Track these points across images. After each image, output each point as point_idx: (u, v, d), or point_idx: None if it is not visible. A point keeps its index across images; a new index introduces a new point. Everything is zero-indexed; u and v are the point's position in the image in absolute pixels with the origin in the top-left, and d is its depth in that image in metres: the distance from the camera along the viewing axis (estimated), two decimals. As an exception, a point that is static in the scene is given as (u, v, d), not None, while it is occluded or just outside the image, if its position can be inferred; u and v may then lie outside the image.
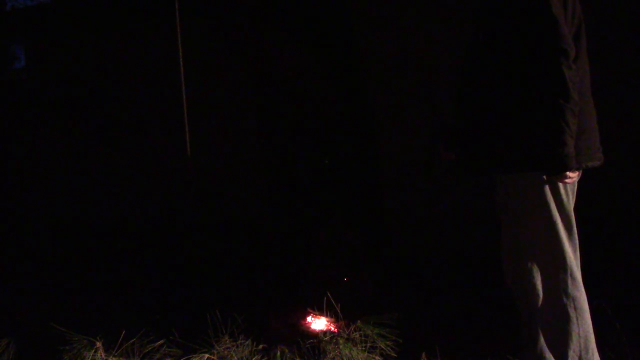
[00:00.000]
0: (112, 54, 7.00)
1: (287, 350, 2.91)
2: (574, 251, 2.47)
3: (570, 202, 2.47)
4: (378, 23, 5.44)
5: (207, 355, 2.86)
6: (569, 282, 2.44)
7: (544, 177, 2.39)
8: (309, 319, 3.43)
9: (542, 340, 2.47)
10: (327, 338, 2.92)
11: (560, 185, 2.42)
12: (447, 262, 4.83)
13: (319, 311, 3.05)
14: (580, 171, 2.51)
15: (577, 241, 2.48)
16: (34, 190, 7.68)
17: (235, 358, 2.87)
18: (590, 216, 3.07)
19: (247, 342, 2.94)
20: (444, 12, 5.07)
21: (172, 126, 5.57)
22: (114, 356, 2.86)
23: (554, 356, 2.46)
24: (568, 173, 2.33)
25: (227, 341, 2.92)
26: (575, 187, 2.51)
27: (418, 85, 5.30)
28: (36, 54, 7.84)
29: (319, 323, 3.36)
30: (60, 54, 7.36)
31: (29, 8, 8.49)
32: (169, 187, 6.46)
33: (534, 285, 2.46)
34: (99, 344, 2.86)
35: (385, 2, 5.44)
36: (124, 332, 2.92)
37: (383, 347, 2.84)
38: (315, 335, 2.98)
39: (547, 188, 2.42)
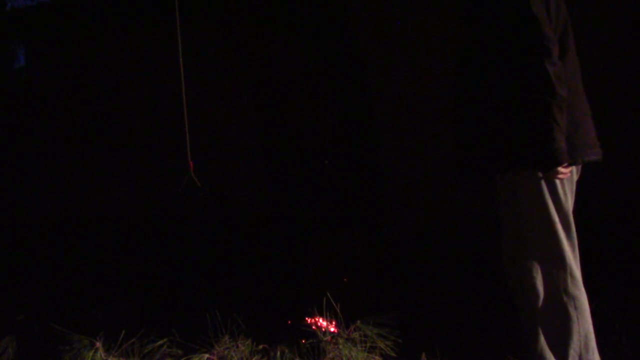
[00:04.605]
0: (112, 54, 7.00)
1: (287, 350, 2.91)
2: (573, 250, 2.48)
3: (568, 202, 2.48)
4: (379, 23, 5.45)
5: (207, 355, 2.86)
6: (569, 281, 2.45)
7: (540, 174, 2.40)
8: (308, 318, 3.43)
9: (542, 339, 2.48)
10: (327, 338, 2.92)
11: (558, 184, 2.43)
12: (447, 261, 4.83)
13: (319, 311, 3.05)
14: (579, 169, 2.53)
15: (575, 240, 2.49)
16: (34, 190, 7.69)
17: (235, 358, 2.87)
18: (589, 216, 3.07)
19: (247, 342, 2.94)
20: (444, 11, 5.07)
21: (172, 126, 5.56)
22: (114, 356, 2.86)
23: (555, 355, 2.46)
24: (560, 168, 2.35)
25: (227, 341, 2.92)
26: (574, 187, 2.52)
27: (419, 85, 5.30)
28: (36, 54, 7.84)
29: (318, 323, 3.35)
30: (60, 54, 7.37)
31: (29, 8, 8.49)
32: (169, 187, 6.46)
33: (533, 285, 2.46)
34: (99, 344, 2.86)
35: (386, 2, 5.44)
36: (123, 332, 2.92)
37: (383, 347, 2.84)
38: (315, 335, 2.97)
39: (544, 187, 2.43)
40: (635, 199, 4.54)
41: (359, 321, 2.93)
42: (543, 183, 2.43)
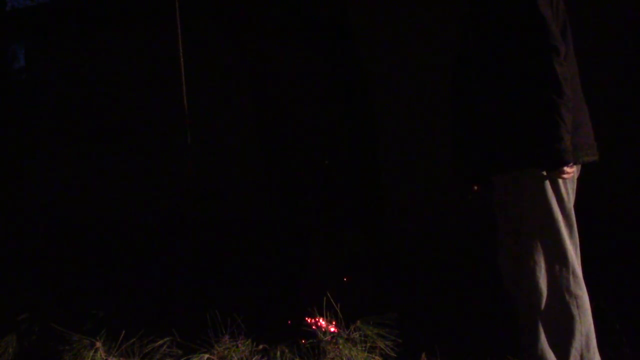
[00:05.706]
0: (113, 54, 7.00)
1: (287, 350, 2.91)
2: (575, 249, 2.48)
3: (570, 200, 2.48)
4: (379, 24, 5.44)
5: (207, 355, 2.86)
6: (571, 280, 2.45)
7: (543, 173, 2.41)
8: (308, 318, 3.43)
9: (542, 339, 2.48)
10: (327, 338, 2.92)
11: (561, 182, 2.44)
12: (447, 262, 4.82)
13: (319, 311, 3.05)
14: (579, 168, 2.53)
15: (577, 239, 2.49)
16: (34, 190, 7.68)
17: (235, 358, 2.87)
18: (589, 215, 3.07)
19: (247, 342, 2.94)
20: (444, 13, 5.06)
21: (172, 126, 5.57)
22: (114, 356, 2.86)
23: (556, 355, 2.46)
24: (565, 168, 2.35)
25: (227, 341, 2.92)
26: (575, 185, 2.52)
27: (419, 86, 5.30)
28: (36, 54, 7.84)
29: (318, 323, 3.35)
30: (60, 54, 7.36)
31: (29, 8, 8.48)
32: (169, 188, 6.46)
33: (536, 284, 2.46)
34: (99, 344, 2.86)
35: (386, 3, 5.44)
36: (123, 332, 2.92)
37: (383, 347, 2.84)
38: (315, 335, 2.98)
39: (547, 186, 2.43)
40: (635, 199, 4.54)
41: (359, 321, 2.94)
42: (547, 182, 2.43)
